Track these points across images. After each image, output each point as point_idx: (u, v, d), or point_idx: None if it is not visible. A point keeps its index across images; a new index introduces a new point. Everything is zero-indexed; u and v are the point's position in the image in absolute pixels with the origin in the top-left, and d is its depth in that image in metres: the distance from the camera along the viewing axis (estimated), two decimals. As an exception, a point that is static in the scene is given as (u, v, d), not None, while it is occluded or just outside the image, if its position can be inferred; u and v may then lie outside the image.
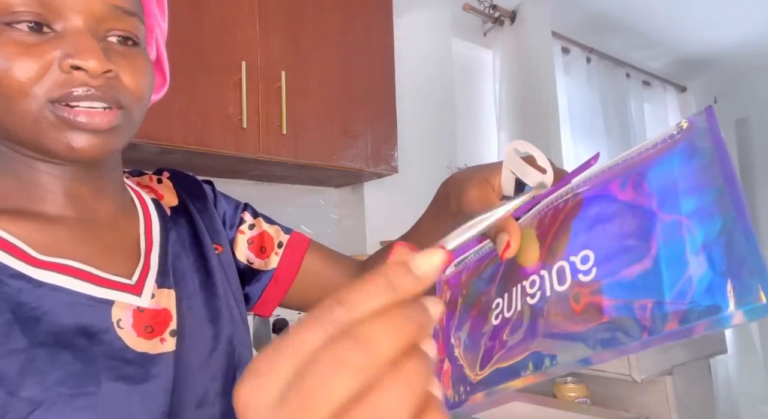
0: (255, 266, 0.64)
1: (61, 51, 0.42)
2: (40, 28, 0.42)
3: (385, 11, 1.63)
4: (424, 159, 1.96)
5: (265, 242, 0.65)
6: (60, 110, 0.42)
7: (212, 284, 0.56)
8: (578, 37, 2.64)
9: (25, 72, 0.41)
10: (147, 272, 0.50)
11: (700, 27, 2.84)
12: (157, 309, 0.48)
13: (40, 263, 0.43)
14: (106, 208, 0.51)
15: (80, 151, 0.43)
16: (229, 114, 1.23)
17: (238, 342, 0.55)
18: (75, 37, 0.42)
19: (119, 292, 0.46)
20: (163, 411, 0.45)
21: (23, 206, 0.46)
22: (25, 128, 0.43)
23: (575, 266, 0.28)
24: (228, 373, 0.52)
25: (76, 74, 0.42)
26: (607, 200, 0.29)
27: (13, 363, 0.39)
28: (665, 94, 3.31)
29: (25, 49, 0.41)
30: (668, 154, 0.26)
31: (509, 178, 0.42)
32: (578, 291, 0.27)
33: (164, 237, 0.54)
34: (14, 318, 0.40)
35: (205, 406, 0.49)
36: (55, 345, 0.41)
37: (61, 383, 0.40)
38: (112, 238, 0.50)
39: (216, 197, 0.66)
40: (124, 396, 0.43)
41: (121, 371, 0.43)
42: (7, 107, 0.42)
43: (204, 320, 0.52)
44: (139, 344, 0.45)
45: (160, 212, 0.57)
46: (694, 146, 0.25)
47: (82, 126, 0.43)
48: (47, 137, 0.43)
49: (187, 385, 0.48)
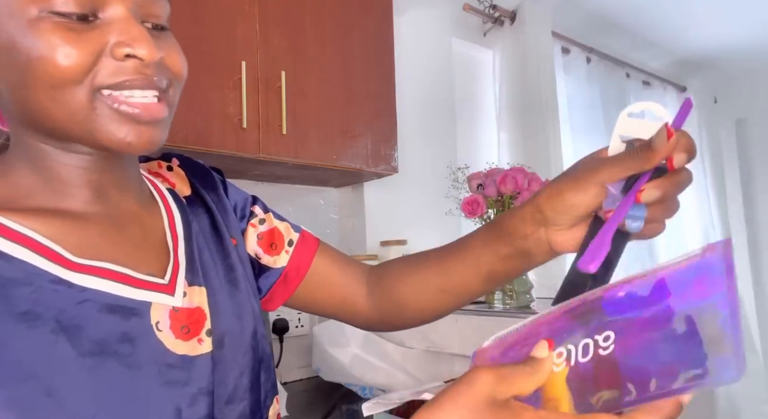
0: (263, 262, 0.63)
1: (111, 38, 0.41)
2: (85, 17, 0.40)
3: (385, 11, 1.62)
4: (424, 159, 1.96)
5: (275, 239, 0.64)
6: (113, 100, 0.41)
7: (235, 278, 0.55)
8: (578, 37, 2.64)
9: (75, 60, 0.39)
10: (177, 269, 0.49)
11: (700, 27, 2.84)
12: (190, 308, 0.48)
13: (78, 266, 0.42)
14: (129, 201, 0.50)
15: (132, 145, 0.42)
16: (229, 114, 1.23)
17: (260, 336, 0.54)
18: (124, 24, 0.41)
19: (155, 293, 0.46)
20: (206, 413, 0.45)
21: (48, 203, 0.45)
22: (73, 120, 0.41)
23: (598, 343, 0.33)
24: (254, 369, 0.52)
25: (130, 62, 0.41)
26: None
27: (63, 375, 0.38)
28: (665, 94, 3.31)
29: (75, 36, 0.39)
30: (687, 266, 0.31)
31: (618, 148, 0.44)
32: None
33: (187, 230, 0.53)
34: (59, 327, 0.39)
35: (234, 402, 0.49)
36: (101, 353, 0.40)
37: (112, 392, 0.40)
38: (140, 234, 0.49)
39: (226, 186, 0.64)
40: (172, 401, 0.43)
41: (166, 376, 0.43)
42: (53, 98, 0.40)
43: (231, 315, 0.52)
44: (178, 346, 0.45)
45: (179, 204, 0.56)
46: (711, 266, 0.30)
47: (138, 117, 0.42)
48: (99, 130, 0.42)
49: (221, 384, 0.48)
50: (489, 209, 1.31)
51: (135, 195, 0.52)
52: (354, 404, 1.31)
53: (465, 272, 0.56)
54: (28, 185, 0.45)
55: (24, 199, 0.45)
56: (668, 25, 2.79)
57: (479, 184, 1.30)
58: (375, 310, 0.64)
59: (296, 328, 1.60)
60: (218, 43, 1.23)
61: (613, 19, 2.68)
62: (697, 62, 3.26)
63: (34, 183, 0.45)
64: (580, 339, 0.34)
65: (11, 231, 0.41)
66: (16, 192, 0.45)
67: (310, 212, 1.79)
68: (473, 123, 2.33)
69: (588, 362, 0.33)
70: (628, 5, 2.56)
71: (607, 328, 0.33)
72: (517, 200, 1.26)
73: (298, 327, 1.60)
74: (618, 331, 0.32)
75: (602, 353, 0.32)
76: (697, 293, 0.30)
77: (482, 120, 2.38)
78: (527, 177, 1.27)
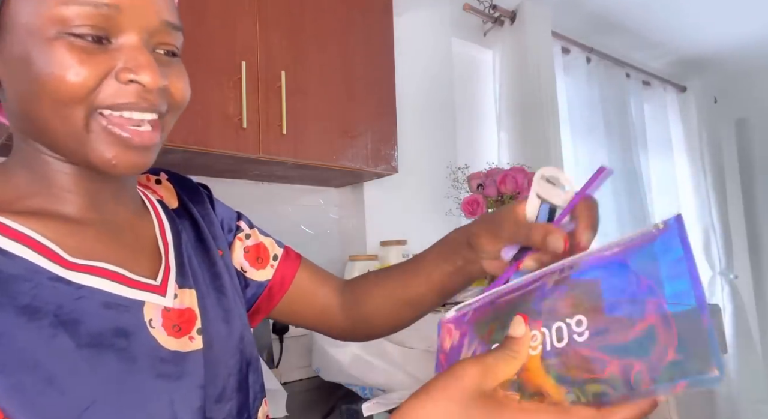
0: (248, 275, 0.67)
1: (119, 63, 0.43)
2: (99, 40, 0.43)
3: (385, 11, 1.62)
4: (424, 159, 1.96)
5: (261, 253, 0.68)
6: (108, 121, 0.44)
7: (221, 284, 0.58)
8: (578, 37, 2.64)
9: (82, 79, 0.42)
10: (168, 272, 0.52)
11: (700, 27, 2.84)
12: (181, 309, 0.50)
13: (75, 265, 0.45)
14: (123, 210, 0.53)
15: (118, 166, 0.45)
16: (229, 114, 1.23)
17: (247, 340, 0.57)
18: (133, 51, 0.44)
19: (148, 293, 0.48)
20: (199, 406, 0.47)
21: (46, 206, 0.47)
22: (69, 134, 0.44)
23: (571, 327, 0.34)
24: (241, 370, 0.55)
25: (132, 87, 0.43)
26: (598, 275, 0.35)
27: (63, 364, 0.40)
28: (665, 94, 3.31)
29: (86, 57, 0.42)
30: (648, 245, 0.33)
31: (535, 205, 0.49)
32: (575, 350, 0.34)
33: (177, 238, 0.56)
34: (58, 321, 0.41)
35: (223, 401, 0.51)
36: (98, 345, 0.42)
37: (109, 382, 0.42)
38: (133, 239, 0.52)
39: (213, 201, 0.67)
40: (166, 394, 0.45)
41: (160, 369, 0.45)
42: (56, 111, 0.42)
43: (219, 320, 0.54)
44: (170, 342, 0.47)
45: (168, 214, 0.58)
46: (669, 244, 0.32)
47: (128, 142, 0.44)
48: (90, 147, 0.44)
49: (210, 382, 0.50)
50: (489, 209, 1.31)
51: (129, 204, 0.54)
52: (354, 404, 1.31)
53: (421, 286, 0.63)
54: (28, 188, 0.48)
55: (24, 201, 0.47)
56: (668, 25, 2.79)
57: (479, 184, 1.30)
58: (347, 320, 0.70)
59: (296, 328, 1.59)
60: (218, 43, 1.23)
61: (613, 19, 2.68)
62: (697, 62, 3.27)
63: (33, 187, 0.48)
64: (552, 319, 0.35)
65: (13, 230, 0.43)
66: (16, 194, 0.47)
67: (310, 212, 1.79)
68: (473, 123, 2.33)
69: (565, 347, 0.34)
70: (628, 5, 2.56)
71: (571, 291, 0.35)
72: (517, 200, 1.26)
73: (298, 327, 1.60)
74: (589, 317, 0.34)
75: (577, 339, 0.33)
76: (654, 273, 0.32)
77: (482, 120, 2.38)
78: (527, 177, 1.27)
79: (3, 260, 0.41)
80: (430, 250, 0.64)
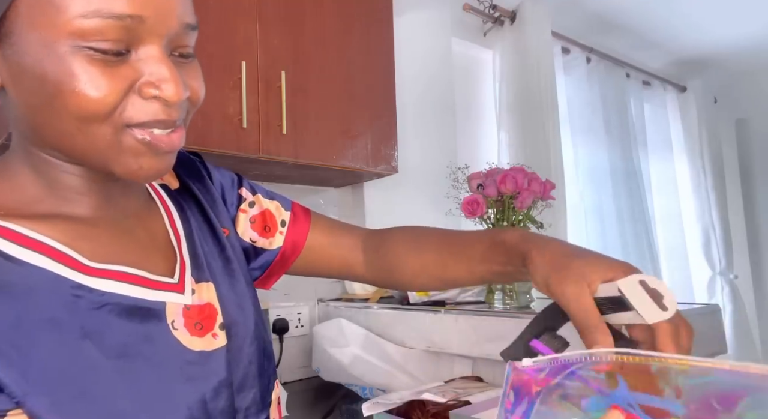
0: (258, 245, 0.65)
1: (141, 76, 0.42)
2: (120, 52, 0.41)
3: (385, 11, 1.62)
4: (424, 159, 1.96)
5: (267, 221, 0.65)
6: (139, 132, 0.42)
7: (232, 269, 0.56)
8: (578, 37, 2.64)
9: (105, 96, 0.40)
10: (184, 268, 0.51)
11: (700, 27, 2.84)
12: (200, 305, 0.49)
13: (96, 271, 0.43)
14: (132, 205, 0.52)
15: (142, 174, 0.44)
16: (229, 114, 1.23)
17: (261, 324, 0.56)
18: (155, 63, 0.42)
19: (168, 293, 0.47)
20: (228, 404, 0.47)
21: (55, 209, 0.46)
22: (94, 149, 0.42)
23: None
24: (260, 356, 0.54)
25: (156, 102, 0.42)
26: None
27: (95, 377, 0.40)
28: (665, 94, 3.31)
29: (108, 71, 0.40)
30: None
31: (611, 290, 0.42)
32: None
33: (187, 227, 0.55)
34: (84, 333, 0.40)
35: (245, 390, 0.50)
36: (126, 355, 0.42)
37: (141, 391, 0.41)
38: (146, 236, 0.51)
39: (209, 170, 0.65)
40: (197, 394, 0.45)
41: (187, 372, 0.45)
42: (79, 128, 0.41)
43: (235, 307, 0.53)
44: (194, 343, 0.47)
45: (175, 201, 0.57)
46: None
47: (157, 149, 0.44)
48: (115, 159, 0.43)
49: (235, 373, 0.49)
50: (489, 209, 1.31)
51: (137, 198, 0.53)
52: (354, 404, 1.31)
53: (461, 272, 0.63)
54: (35, 191, 0.46)
55: (32, 205, 0.45)
56: (668, 25, 2.79)
57: (479, 184, 1.29)
58: (370, 274, 0.70)
59: (296, 328, 1.59)
60: (218, 43, 1.23)
61: (613, 19, 2.68)
62: (697, 62, 3.26)
63: (40, 190, 0.46)
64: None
65: (26, 238, 0.42)
66: (22, 197, 0.45)
67: (310, 212, 1.79)
68: (473, 123, 2.33)
69: None
70: (628, 5, 2.56)
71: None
72: (517, 200, 1.26)
73: (298, 327, 1.60)
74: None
75: None
76: None
77: (482, 120, 2.38)
78: (527, 177, 1.27)
79: (21, 271, 0.40)
80: (478, 241, 0.61)
